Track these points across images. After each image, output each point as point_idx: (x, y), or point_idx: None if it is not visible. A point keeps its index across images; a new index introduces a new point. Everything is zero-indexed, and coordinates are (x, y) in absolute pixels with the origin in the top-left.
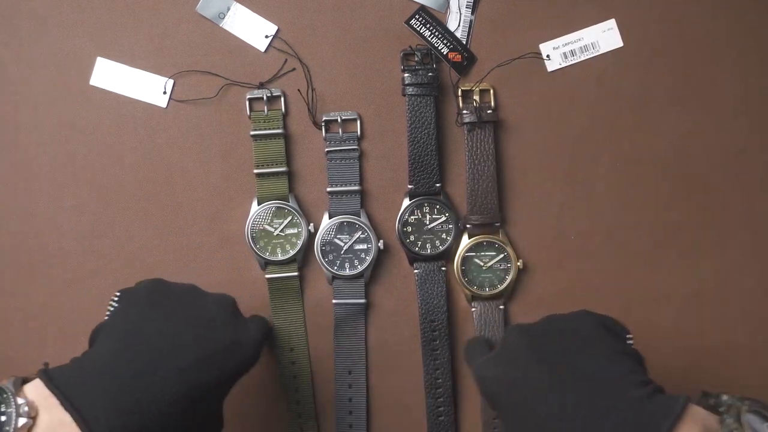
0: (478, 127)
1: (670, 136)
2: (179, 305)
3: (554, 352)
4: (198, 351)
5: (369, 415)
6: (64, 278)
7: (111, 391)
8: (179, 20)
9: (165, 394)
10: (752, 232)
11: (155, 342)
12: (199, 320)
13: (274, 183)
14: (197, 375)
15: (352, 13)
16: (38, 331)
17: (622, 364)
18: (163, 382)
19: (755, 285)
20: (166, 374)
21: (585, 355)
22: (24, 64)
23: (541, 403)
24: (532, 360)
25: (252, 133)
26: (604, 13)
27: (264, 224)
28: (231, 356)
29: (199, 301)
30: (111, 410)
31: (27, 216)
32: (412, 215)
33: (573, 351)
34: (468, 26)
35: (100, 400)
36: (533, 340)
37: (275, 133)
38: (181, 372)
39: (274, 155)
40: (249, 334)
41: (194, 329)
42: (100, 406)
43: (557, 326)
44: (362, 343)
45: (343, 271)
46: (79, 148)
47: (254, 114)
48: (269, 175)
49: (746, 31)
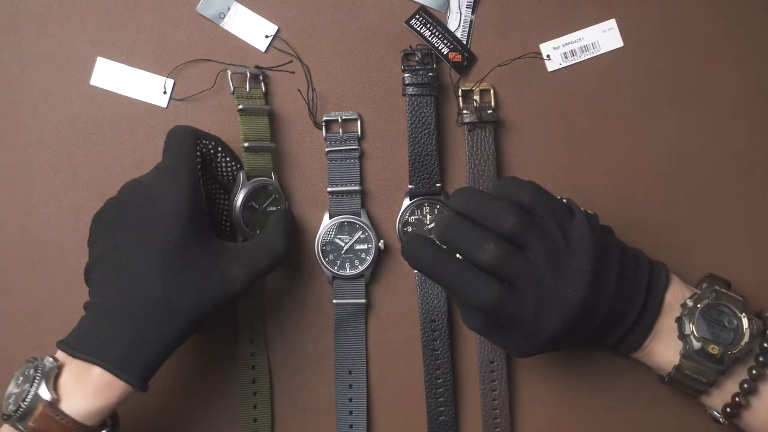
0: (478, 127)
1: (670, 136)
2: (137, 241)
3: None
4: (169, 305)
5: (369, 415)
6: (64, 278)
7: (107, 338)
8: (179, 20)
9: (161, 335)
10: (752, 232)
11: (126, 301)
12: (163, 265)
13: (261, 158)
14: (169, 325)
15: (352, 13)
16: (38, 331)
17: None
18: (143, 335)
19: (755, 285)
20: (148, 328)
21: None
22: (24, 64)
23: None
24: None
25: (239, 107)
26: (604, 13)
27: (251, 201)
28: (205, 296)
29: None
30: (112, 347)
31: (27, 216)
32: (412, 215)
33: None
34: (468, 26)
35: (101, 347)
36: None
37: (261, 108)
38: (158, 328)
39: (262, 131)
40: (226, 264)
41: (161, 277)
42: (103, 347)
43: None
44: (362, 343)
45: (344, 271)
46: (79, 148)
47: (237, 90)
48: (257, 150)
49: (746, 31)
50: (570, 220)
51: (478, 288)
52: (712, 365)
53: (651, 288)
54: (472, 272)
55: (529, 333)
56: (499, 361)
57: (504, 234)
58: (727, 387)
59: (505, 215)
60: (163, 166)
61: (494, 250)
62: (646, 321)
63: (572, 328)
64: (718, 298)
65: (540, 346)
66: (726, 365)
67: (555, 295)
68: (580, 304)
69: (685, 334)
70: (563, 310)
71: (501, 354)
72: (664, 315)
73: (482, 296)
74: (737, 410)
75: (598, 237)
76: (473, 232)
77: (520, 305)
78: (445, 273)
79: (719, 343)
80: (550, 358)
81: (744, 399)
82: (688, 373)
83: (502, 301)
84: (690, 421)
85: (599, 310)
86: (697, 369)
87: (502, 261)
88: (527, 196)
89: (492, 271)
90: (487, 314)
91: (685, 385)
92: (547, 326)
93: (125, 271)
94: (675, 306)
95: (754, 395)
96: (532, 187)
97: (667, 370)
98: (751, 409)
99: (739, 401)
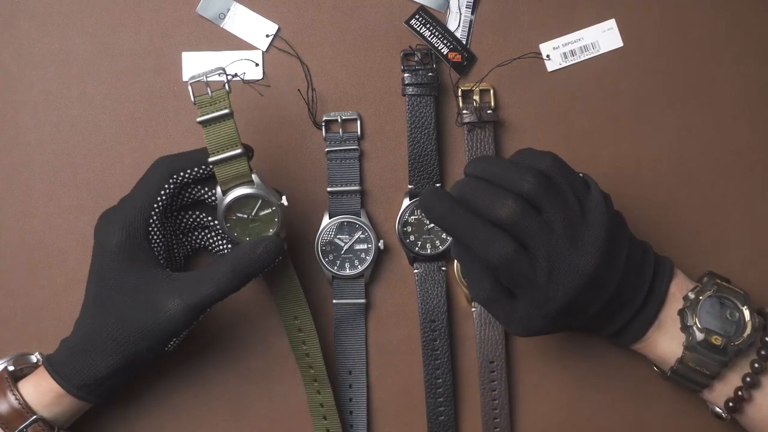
0: (478, 127)
1: (670, 136)
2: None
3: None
4: (105, 326)
5: (369, 415)
6: (64, 278)
7: (62, 344)
8: (179, 21)
9: (104, 353)
10: (752, 232)
11: (103, 329)
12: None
13: (234, 166)
14: (114, 341)
15: (352, 13)
16: (38, 331)
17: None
18: (104, 357)
19: (755, 284)
20: (108, 349)
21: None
22: (24, 64)
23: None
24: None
25: (198, 120)
26: (604, 13)
27: (237, 213)
28: (134, 321)
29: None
30: (60, 351)
31: (27, 216)
32: (412, 215)
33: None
34: (468, 26)
35: (67, 364)
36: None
37: (223, 114)
38: (99, 342)
39: (227, 139)
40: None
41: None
42: (63, 363)
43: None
44: (362, 343)
45: (343, 271)
46: (79, 148)
47: (199, 99)
48: (227, 161)
49: (746, 31)
50: (586, 193)
51: (493, 241)
52: (716, 356)
53: (656, 277)
54: (488, 226)
55: (538, 302)
56: (499, 361)
57: (523, 194)
58: (730, 380)
59: (525, 176)
60: (122, 199)
61: (513, 206)
62: (650, 309)
63: (580, 302)
64: (720, 291)
65: (545, 320)
66: (729, 357)
67: (568, 262)
68: (592, 274)
69: (688, 325)
70: (574, 278)
71: (501, 354)
72: (668, 305)
73: (497, 249)
74: (740, 404)
75: (612, 215)
76: (492, 189)
77: (533, 265)
78: (461, 225)
79: (722, 334)
80: (549, 357)
81: (747, 392)
82: (691, 365)
83: (516, 257)
84: (690, 420)
85: (607, 288)
86: (701, 361)
87: (520, 218)
88: (546, 164)
89: (508, 228)
90: (499, 272)
91: (688, 379)
92: (556, 295)
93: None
94: (678, 298)
95: (756, 389)
96: (551, 156)
97: (670, 363)
98: (754, 403)
99: (741, 395)
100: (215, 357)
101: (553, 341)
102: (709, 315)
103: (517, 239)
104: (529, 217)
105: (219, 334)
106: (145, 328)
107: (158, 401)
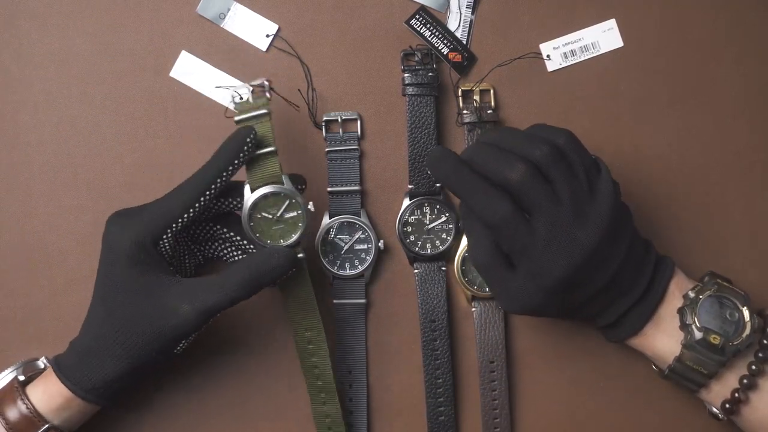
0: (478, 127)
1: (670, 136)
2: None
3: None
4: (115, 330)
5: (369, 415)
6: (64, 278)
7: (70, 347)
8: (179, 21)
9: (113, 356)
10: (752, 231)
11: (111, 334)
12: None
13: (266, 165)
14: (122, 345)
15: (352, 13)
16: (38, 331)
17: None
18: (113, 360)
19: (755, 284)
20: (115, 353)
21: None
22: (24, 64)
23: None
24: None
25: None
26: (604, 13)
27: (262, 212)
28: (147, 324)
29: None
30: (68, 355)
31: (27, 216)
32: (412, 215)
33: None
34: (468, 26)
35: (76, 369)
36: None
37: (260, 114)
38: (108, 345)
39: (263, 137)
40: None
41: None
42: (64, 356)
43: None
44: (362, 343)
45: (343, 271)
46: (79, 148)
47: (239, 105)
48: (259, 158)
49: (746, 31)
50: (596, 174)
51: (493, 200)
52: (714, 356)
53: (657, 273)
54: (491, 187)
55: (535, 272)
56: (499, 361)
57: (534, 161)
58: (727, 381)
59: (539, 144)
60: (144, 205)
61: (523, 169)
62: (648, 303)
63: (579, 277)
64: (720, 291)
65: (543, 294)
66: (727, 356)
67: (570, 235)
68: (593, 249)
69: (687, 324)
70: (575, 251)
71: (501, 354)
72: (667, 302)
73: (496, 207)
74: (736, 406)
75: (619, 200)
76: (504, 154)
77: (531, 231)
78: (464, 183)
79: (721, 334)
80: (549, 357)
81: (743, 394)
82: (689, 364)
83: (515, 219)
84: (689, 420)
85: (606, 270)
86: (699, 360)
87: (529, 182)
88: (561, 139)
89: (515, 192)
90: (499, 235)
91: (686, 378)
92: (554, 268)
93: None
94: (678, 296)
95: (753, 391)
96: (567, 132)
97: (667, 361)
98: (750, 405)
99: (738, 397)
100: (220, 361)
101: (553, 341)
102: (708, 314)
103: (521, 205)
104: (538, 183)
105: (225, 337)
106: (155, 331)
107: (161, 405)
